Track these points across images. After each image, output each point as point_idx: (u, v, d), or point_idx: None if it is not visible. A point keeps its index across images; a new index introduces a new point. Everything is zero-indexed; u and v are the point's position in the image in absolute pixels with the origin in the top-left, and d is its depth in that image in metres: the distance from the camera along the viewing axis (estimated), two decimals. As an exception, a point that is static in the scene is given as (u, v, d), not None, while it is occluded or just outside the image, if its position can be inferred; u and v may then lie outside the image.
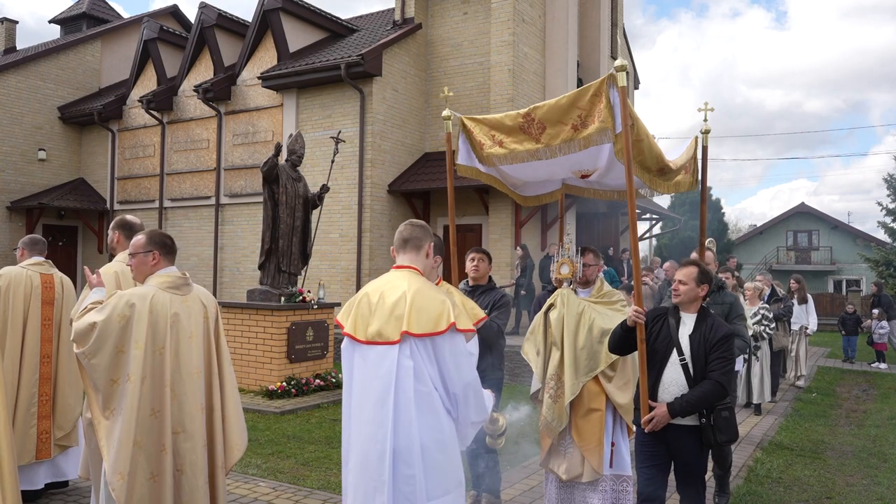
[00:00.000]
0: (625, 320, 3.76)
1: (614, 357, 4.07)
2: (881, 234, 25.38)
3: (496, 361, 4.64)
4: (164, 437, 3.23)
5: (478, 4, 15.28)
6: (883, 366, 13.97)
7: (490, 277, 5.08)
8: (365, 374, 2.82)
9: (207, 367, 3.50)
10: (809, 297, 11.55)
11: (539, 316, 4.46)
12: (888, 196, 23.73)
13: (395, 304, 2.82)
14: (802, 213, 37.39)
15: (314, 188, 9.90)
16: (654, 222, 21.36)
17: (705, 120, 4.77)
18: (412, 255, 3.02)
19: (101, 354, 3.17)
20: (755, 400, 8.73)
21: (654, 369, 3.69)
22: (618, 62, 3.82)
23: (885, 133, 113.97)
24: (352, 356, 2.91)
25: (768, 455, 6.67)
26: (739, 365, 7.06)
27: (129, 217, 4.48)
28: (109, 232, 4.42)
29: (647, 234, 21.76)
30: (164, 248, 3.54)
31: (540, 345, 4.44)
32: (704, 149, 4.80)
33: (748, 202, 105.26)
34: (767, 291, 10.06)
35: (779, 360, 9.97)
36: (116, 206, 19.01)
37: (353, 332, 2.86)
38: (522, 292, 12.93)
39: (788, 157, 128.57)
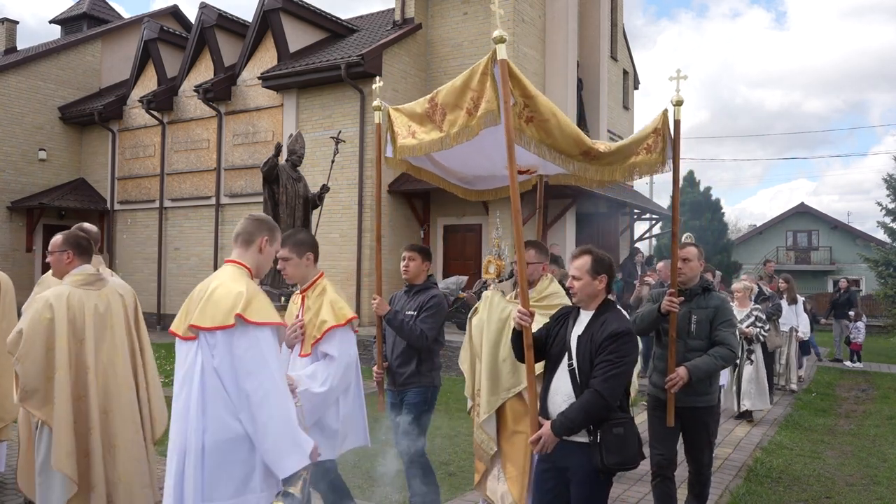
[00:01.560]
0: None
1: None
2: (881, 234, 25.36)
3: (423, 368, 4.31)
4: (90, 420, 3.58)
5: (478, 4, 15.28)
6: (859, 364, 14.02)
7: (430, 276, 4.64)
8: (176, 369, 2.78)
9: (131, 351, 3.85)
10: (800, 297, 11.02)
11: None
12: (888, 196, 23.70)
13: (200, 299, 2.76)
14: (802, 213, 37.40)
15: (314, 188, 9.90)
16: (654, 222, 21.37)
17: (678, 90, 4.15)
18: (240, 249, 2.93)
19: (31, 356, 3.51)
20: (748, 405, 8.02)
21: (548, 377, 3.24)
22: (496, 33, 3.28)
23: (884, 133, 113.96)
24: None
25: (768, 455, 6.67)
26: (724, 379, 6.66)
27: (83, 227, 4.40)
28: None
29: (647, 234, 21.76)
30: (79, 248, 3.81)
31: (474, 354, 4.14)
32: (677, 123, 4.12)
33: (748, 202, 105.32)
34: (755, 291, 9.46)
35: (772, 361, 9.59)
36: (117, 206, 19.02)
37: (175, 328, 2.79)
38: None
39: (788, 158, 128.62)
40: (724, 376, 6.65)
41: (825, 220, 36.86)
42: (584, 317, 3.23)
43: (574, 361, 3.09)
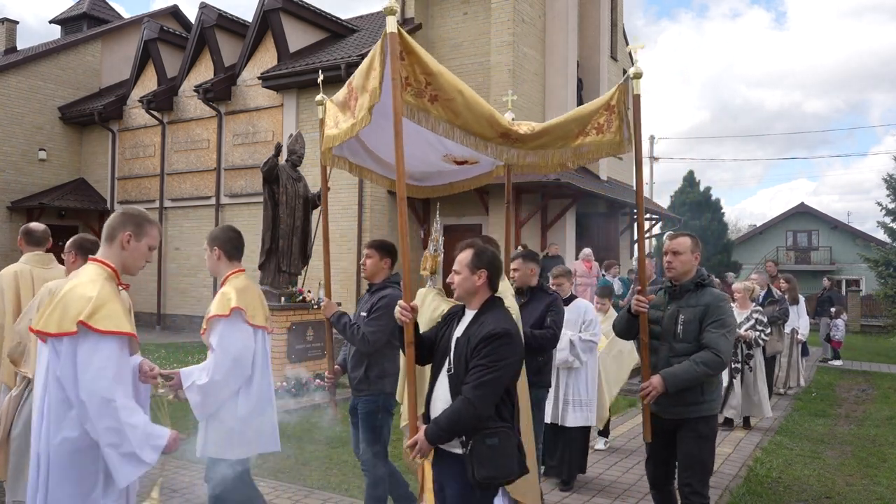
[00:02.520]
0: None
1: None
2: (881, 234, 25.36)
3: (371, 374, 4.13)
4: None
5: (478, 4, 15.28)
6: (837, 362, 14.05)
7: (394, 274, 4.37)
8: (36, 370, 2.73)
9: None
10: (801, 298, 10.66)
11: None
12: (888, 196, 23.69)
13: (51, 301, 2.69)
14: (802, 213, 37.41)
15: (314, 188, 9.90)
16: (653, 222, 21.38)
17: (635, 62, 3.69)
18: (104, 247, 2.81)
19: None
20: (732, 415, 7.53)
21: (431, 382, 3.03)
22: (386, 3, 3.08)
23: (884, 133, 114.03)
24: None
25: (768, 455, 6.67)
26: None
27: (29, 228, 4.62)
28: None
29: (647, 234, 21.77)
30: (81, 249, 3.98)
31: None
32: (636, 98, 3.67)
33: (748, 202, 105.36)
34: (762, 293, 9.05)
35: (772, 366, 9.15)
36: (117, 206, 19.01)
37: (33, 326, 2.73)
38: None
39: (788, 158, 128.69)
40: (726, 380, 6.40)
41: (825, 220, 36.87)
42: (468, 317, 3.00)
43: (452, 365, 2.88)
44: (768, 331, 7.63)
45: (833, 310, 14.22)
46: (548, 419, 5.21)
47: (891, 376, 12.74)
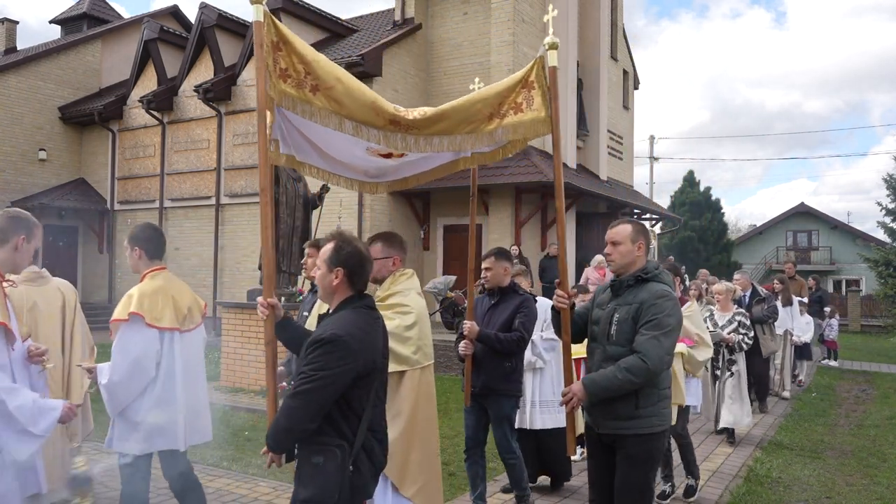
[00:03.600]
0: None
1: None
2: (881, 234, 25.36)
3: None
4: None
5: (478, 4, 15.29)
6: (834, 363, 14.05)
7: None
8: None
9: (62, 339, 4.13)
10: (795, 299, 10.32)
11: None
12: (888, 196, 23.70)
13: None
14: (802, 213, 37.42)
15: (314, 188, 9.90)
16: (654, 222, 21.38)
17: (551, 32, 3.48)
18: None
19: None
20: (729, 422, 6.98)
21: None
22: None
23: (884, 133, 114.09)
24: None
25: (768, 455, 6.67)
26: (696, 399, 5.56)
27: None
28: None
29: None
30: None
31: None
32: (552, 70, 3.41)
33: (748, 202, 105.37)
34: (746, 293, 8.60)
35: (767, 366, 8.89)
36: (117, 206, 19.02)
37: None
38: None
39: (788, 158, 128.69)
40: (697, 397, 5.67)
41: (825, 220, 36.88)
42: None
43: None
44: (752, 334, 6.99)
45: (827, 310, 14.23)
46: (516, 424, 4.81)
47: (891, 376, 12.74)
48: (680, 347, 5.02)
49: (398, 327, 3.10)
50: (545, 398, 5.12)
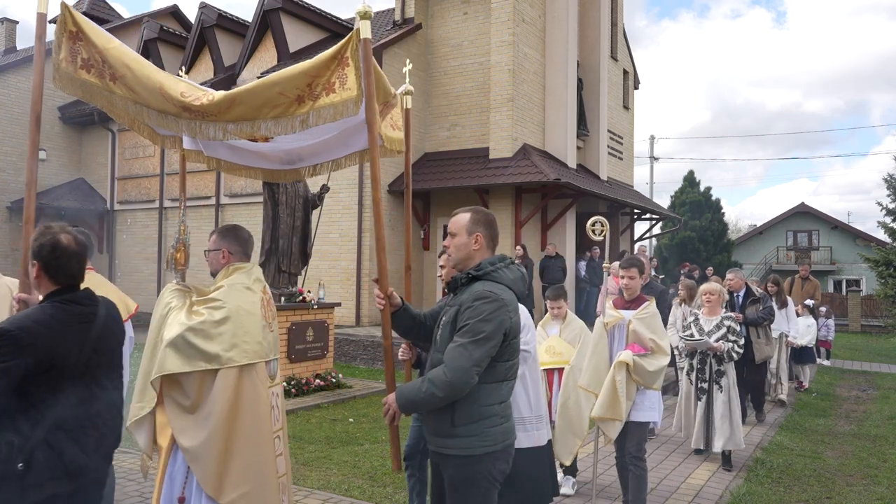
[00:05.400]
0: None
1: (181, 370, 2.89)
2: (881, 234, 25.31)
3: None
4: None
5: (478, 4, 15.28)
6: (826, 362, 14.06)
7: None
8: None
9: None
10: (790, 300, 9.87)
11: None
12: (888, 196, 23.64)
13: None
14: (802, 213, 37.41)
15: (314, 188, 9.90)
16: (654, 222, 21.38)
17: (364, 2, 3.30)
18: None
19: None
20: (719, 446, 6.13)
21: None
22: None
23: (885, 133, 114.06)
24: None
25: (768, 455, 6.67)
26: (655, 416, 4.88)
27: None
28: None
29: (647, 234, 21.78)
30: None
31: None
32: (365, 42, 3.13)
33: (748, 202, 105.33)
34: (740, 293, 8.07)
35: (763, 373, 8.39)
36: (117, 206, 19.02)
37: None
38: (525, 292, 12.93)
39: (789, 158, 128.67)
40: (655, 414, 4.86)
41: (825, 220, 36.87)
42: None
43: None
44: (742, 341, 6.24)
45: (823, 309, 14.23)
46: None
47: (891, 376, 12.74)
48: (624, 356, 4.65)
49: (203, 323, 2.92)
50: (518, 414, 4.39)
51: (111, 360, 2.67)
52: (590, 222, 5.24)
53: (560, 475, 5.38)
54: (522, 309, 4.37)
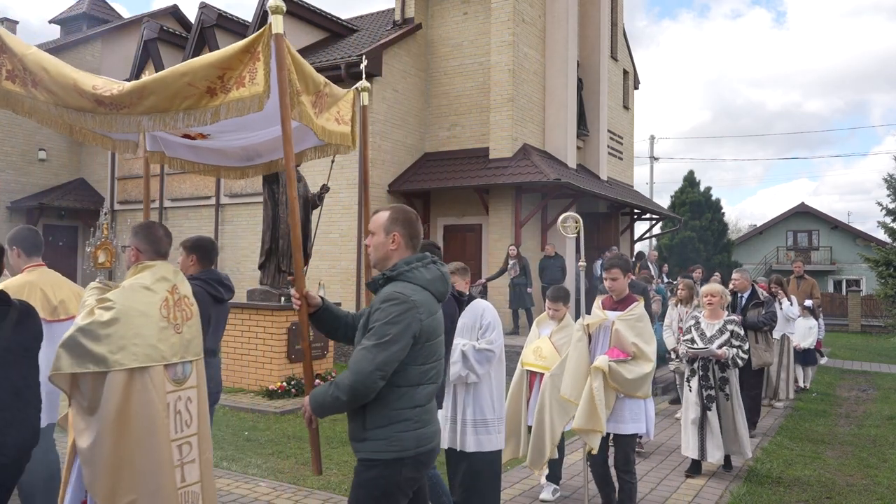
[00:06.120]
0: None
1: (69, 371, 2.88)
2: (881, 234, 25.32)
3: None
4: None
5: (478, 4, 15.28)
6: (823, 359, 14.04)
7: (207, 271, 4.20)
8: None
9: None
10: (794, 298, 9.68)
11: None
12: (888, 196, 23.65)
13: None
14: (802, 213, 37.42)
15: (314, 188, 9.90)
16: (654, 222, 21.38)
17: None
18: None
19: None
20: (717, 458, 5.78)
21: None
22: None
23: (885, 133, 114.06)
24: None
25: (768, 455, 6.67)
26: (644, 428, 4.60)
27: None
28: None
29: (647, 234, 21.77)
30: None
31: None
32: (278, 38, 3.09)
33: (748, 202, 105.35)
34: (744, 294, 7.75)
35: (760, 379, 8.00)
36: (117, 206, 19.01)
37: None
38: (529, 290, 12.92)
39: (789, 158, 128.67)
40: (641, 425, 4.55)
41: (825, 220, 36.88)
42: None
43: None
44: (746, 346, 5.83)
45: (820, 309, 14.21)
46: (446, 444, 4.24)
47: (891, 376, 12.74)
48: (599, 362, 4.37)
49: (91, 324, 2.86)
50: (482, 416, 4.28)
51: (24, 359, 2.71)
52: (561, 218, 5.12)
53: (542, 480, 5.28)
54: (489, 307, 4.39)
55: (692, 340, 5.90)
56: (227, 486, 5.25)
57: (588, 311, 4.79)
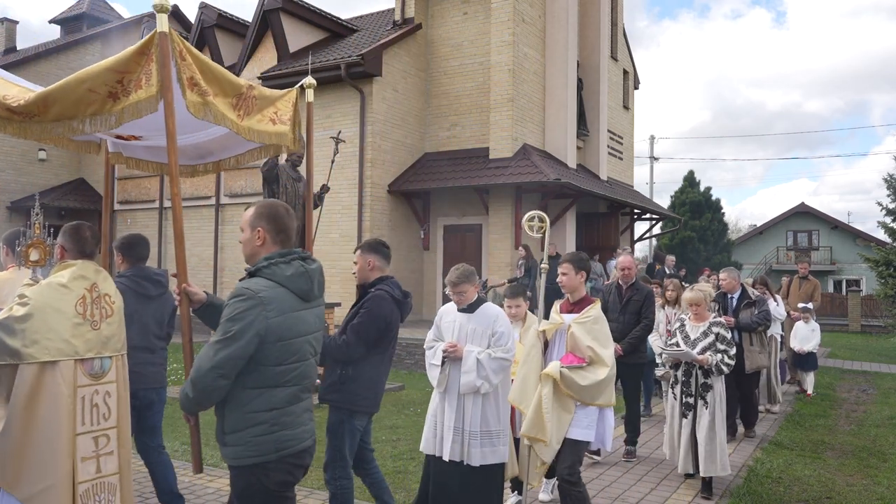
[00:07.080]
0: None
1: None
2: (881, 234, 25.32)
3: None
4: None
5: (478, 4, 15.28)
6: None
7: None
8: None
9: None
10: (779, 299, 9.47)
11: None
12: (888, 196, 23.63)
13: None
14: (802, 213, 37.42)
15: (314, 188, 9.90)
16: (654, 222, 21.38)
17: None
18: None
19: None
20: (705, 472, 5.27)
21: None
22: None
23: (885, 133, 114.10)
24: None
25: (768, 455, 6.67)
26: (610, 438, 4.37)
27: None
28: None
29: (647, 234, 21.78)
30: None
31: None
32: (162, 37, 3.12)
33: (748, 202, 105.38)
34: (734, 295, 7.44)
35: (755, 384, 7.68)
36: (117, 206, 19.01)
37: None
38: (529, 293, 12.91)
39: (789, 158, 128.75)
40: (591, 433, 4.21)
41: (825, 220, 36.88)
42: None
43: None
44: (733, 351, 5.36)
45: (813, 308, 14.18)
46: (448, 456, 4.04)
47: (891, 376, 12.74)
48: (550, 368, 4.13)
49: (7, 318, 2.96)
50: (486, 427, 4.07)
51: None
52: (526, 217, 4.96)
53: (507, 489, 4.89)
54: (502, 313, 4.20)
55: (677, 344, 5.52)
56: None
57: (546, 316, 4.57)
